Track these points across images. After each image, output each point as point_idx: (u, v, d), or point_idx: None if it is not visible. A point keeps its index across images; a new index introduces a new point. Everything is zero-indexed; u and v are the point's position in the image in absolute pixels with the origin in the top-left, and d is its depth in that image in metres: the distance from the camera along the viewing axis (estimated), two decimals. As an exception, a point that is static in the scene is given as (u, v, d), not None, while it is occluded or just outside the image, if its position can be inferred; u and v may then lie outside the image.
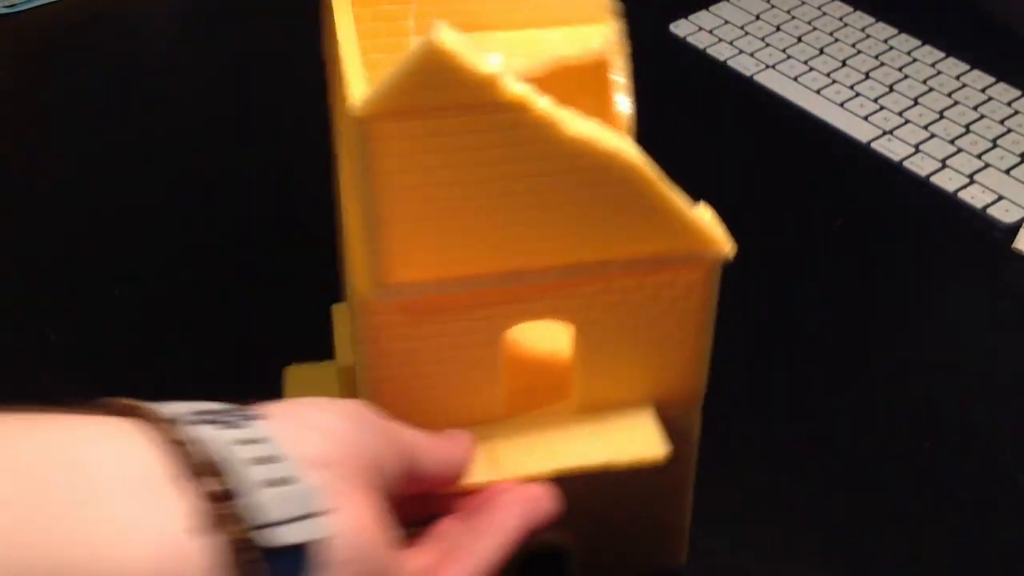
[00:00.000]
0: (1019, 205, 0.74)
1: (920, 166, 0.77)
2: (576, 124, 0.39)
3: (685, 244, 0.43)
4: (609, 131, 0.40)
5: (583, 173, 0.40)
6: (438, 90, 0.37)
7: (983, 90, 0.83)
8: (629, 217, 0.42)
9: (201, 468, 0.29)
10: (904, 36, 0.89)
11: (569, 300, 0.44)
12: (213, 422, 0.30)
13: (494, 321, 0.44)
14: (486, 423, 0.46)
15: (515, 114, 0.38)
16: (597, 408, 0.47)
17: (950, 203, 0.75)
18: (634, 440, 0.46)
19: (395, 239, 0.40)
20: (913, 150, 0.79)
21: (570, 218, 0.41)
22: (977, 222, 0.74)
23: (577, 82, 0.47)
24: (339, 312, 0.55)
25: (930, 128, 0.80)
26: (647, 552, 0.53)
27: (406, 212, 0.40)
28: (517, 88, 0.38)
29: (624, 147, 0.40)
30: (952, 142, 0.79)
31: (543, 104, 0.38)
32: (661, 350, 0.46)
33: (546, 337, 0.49)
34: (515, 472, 0.45)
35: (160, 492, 0.28)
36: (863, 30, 0.90)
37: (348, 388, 0.51)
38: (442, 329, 0.43)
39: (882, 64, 0.86)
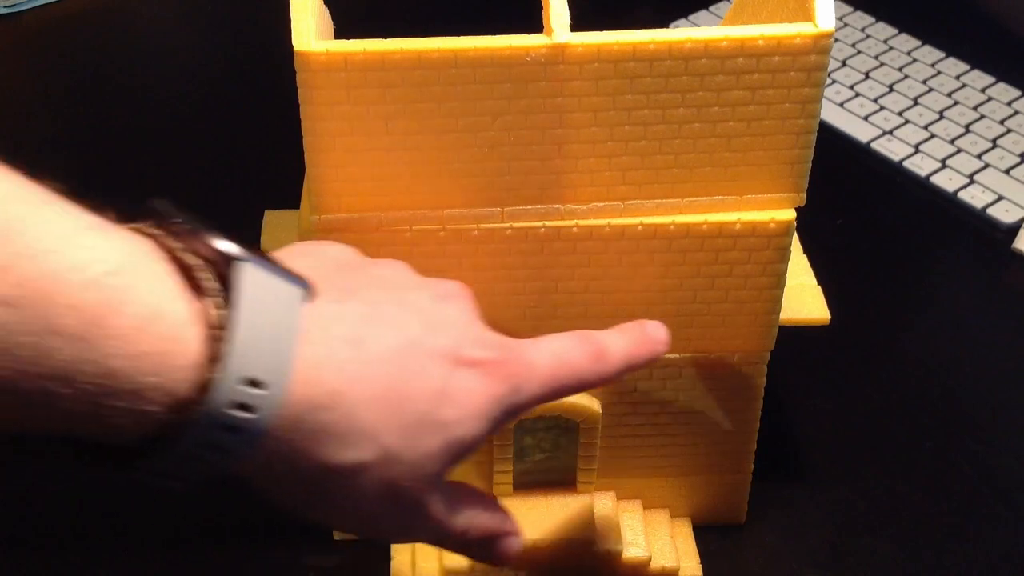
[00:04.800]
0: (1019, 205, 0.74)
1: (920, 166, 0.77)
2: None
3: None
4: None
5: None
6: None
7: (983, 90, 0.83)
8: None
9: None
10: (904, 36, 0.89)
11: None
12: None
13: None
14: None
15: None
16: None
17: (950, 203, 0.75)
18: None
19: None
20: (913, 150, 0.79)
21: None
22: (977, 222, 0.74)
23: None
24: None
25: (930, 128, 0.80)
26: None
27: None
28: None
29: None
30: (952, 142, 0.79)
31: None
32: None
33: None
34: None
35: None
36: (863, 30, 0.90)
37: None
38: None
39: (882, 64, 0.86)
